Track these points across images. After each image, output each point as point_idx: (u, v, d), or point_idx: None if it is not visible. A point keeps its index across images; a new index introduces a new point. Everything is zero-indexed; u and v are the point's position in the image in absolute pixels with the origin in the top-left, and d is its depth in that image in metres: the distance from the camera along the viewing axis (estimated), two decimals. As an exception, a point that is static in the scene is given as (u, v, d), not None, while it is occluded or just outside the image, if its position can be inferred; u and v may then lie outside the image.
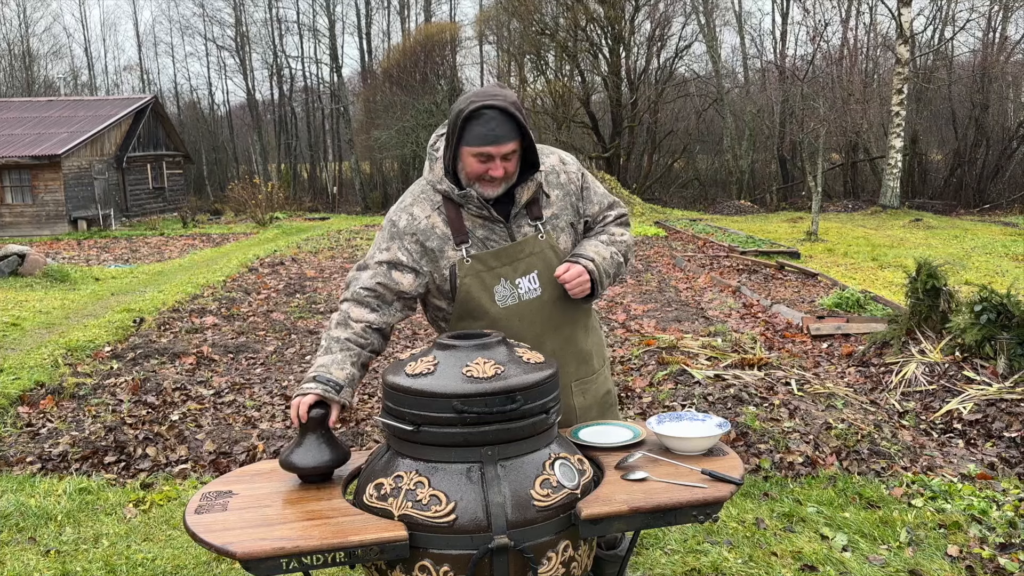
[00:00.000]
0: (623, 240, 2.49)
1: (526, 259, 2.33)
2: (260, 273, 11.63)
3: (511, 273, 2.32)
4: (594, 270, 2.33)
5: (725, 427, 2.25)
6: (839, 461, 4.35)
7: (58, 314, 9.04)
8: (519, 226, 2.34)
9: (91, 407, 5.21)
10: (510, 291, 2.32)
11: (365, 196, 32.78)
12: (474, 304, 2.32)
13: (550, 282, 2.34)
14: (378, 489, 1.97)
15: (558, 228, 2.39)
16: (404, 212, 2.36)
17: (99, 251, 18.16)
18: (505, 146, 2.21)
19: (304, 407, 2.13)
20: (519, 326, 2.32)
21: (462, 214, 2.31)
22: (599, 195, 2.50)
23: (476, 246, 2.31)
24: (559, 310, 2.38)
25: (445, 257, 2.32)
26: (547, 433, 2.04)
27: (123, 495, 4.00)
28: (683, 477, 2.07)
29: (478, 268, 2.30)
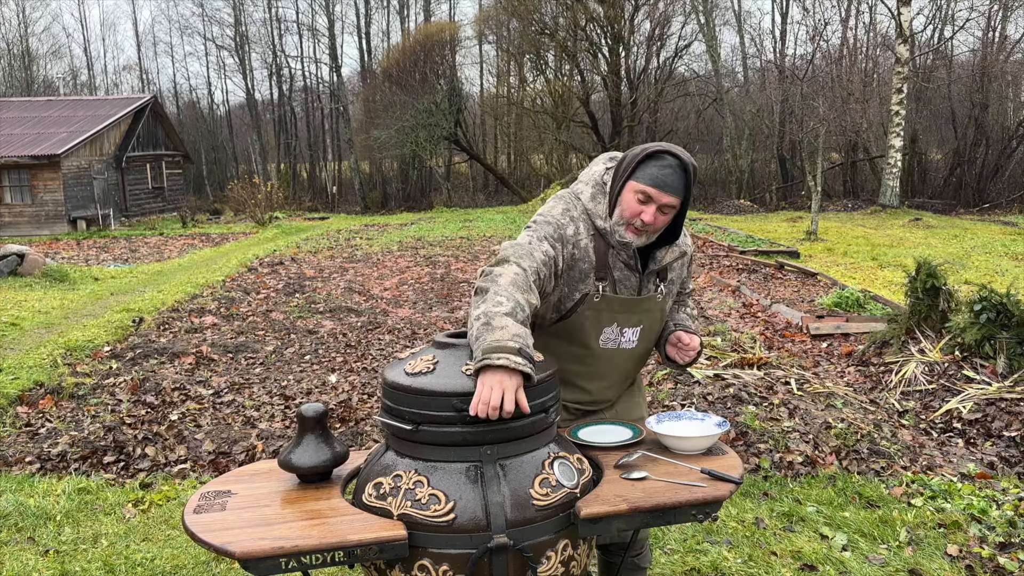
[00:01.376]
0: (695, 314, 2.67)
1: (641, 314, 2.40)
2: (259, 273, 11.63)
3: (624, 321, 2.38)
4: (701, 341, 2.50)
5: (724, 426, 2.24)
6: (839, 461, 4.35)
7: (57, 314, 9.04)
8: (648, 281, 2.40)
9: (90, 407, 5.21)
10: (615, 337, 2.39)
11: (364, 196, 32.78)
12: (579, 333, 2.36)
13: (646, 338, 2.44)
14: (377, 488, 1.97)
15: (670, 294, 2.48)
16: (571, 223, 2.31)
17: (98, 251, 18.15)
18: (669, 197, 2.22)
19: (516, 389, 1.87)
20: (607, 368, 2.43)
21: (609, 253, 2.33)
22: (690, 274, 2.62)
23: (610, 286, 2.35)
24: (639, 361, 2.52)
25: (584, 284, 2.31)
26: (546, 432, 2.04)
27: (122, 495, 4.00)
28: (683, 476, 2.06)
29: (602, 307, 2.34)
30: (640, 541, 2.58)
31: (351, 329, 7.73)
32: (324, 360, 6.50)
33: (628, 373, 2.49)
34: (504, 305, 1.98)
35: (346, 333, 7.55)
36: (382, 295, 9.64)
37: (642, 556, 2.60)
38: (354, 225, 21.53)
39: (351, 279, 10.99)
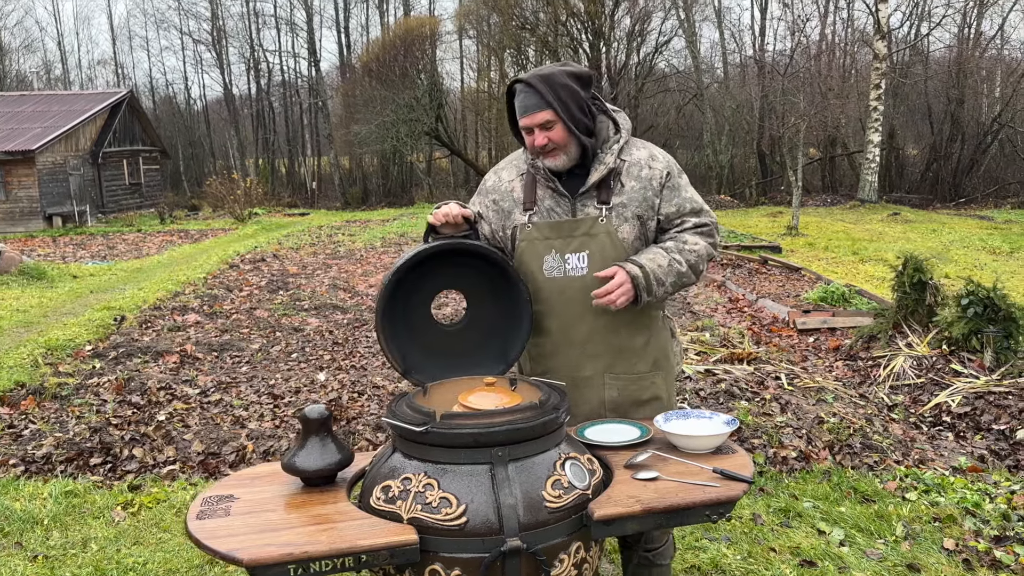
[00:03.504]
0: (692, 249, 2.42)
1: (580, 237, 2.38)
2: (241, 270, 11.51)
3: (562, 247, 2.39)
4: (639, 276, 2.30)
5: (733, 425, 2.22)
6: (832, 455, 4.36)
7: (36, 313, 8.89)
8: (584, 205, 2.40)
9: (74, 408, 5.11)
10: (558, 264, 2.40)
11: (345, 192, 32.56)
12: (525, 269, 2.43)
13: (598, 267, 2.36)
14: (385, 492, 1.93)
15: (623, 216, 2.40)
16: (494, 173, 2.59)
17: (75, 248, 17.89)
18: (536, 116, 2.32)
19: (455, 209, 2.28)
20: (559, 300, 2.40)
21: (535, 185, 2.44)
22: (683, 199, 2.47)
23: (541, 215, 2.42)
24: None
25: (512, 219, 2.46)
26: (557, 432, 2.01)
27: (110, 498, 3.92)
28: (694, 476, 2.04)
29: (534, 235, 2.41)
30: (660, 536, 2.54)
31: (337, 327, 7.66)
32: (311, 358, 6.43)
33: (588, 307, 2.37)
34: None
35: (332, 331, 7.47)
36: (368, 292, 9.57)
37: (663, 551, 2.56)
38: (335, 221, 21.38)
39: (335, 276, 10.90)
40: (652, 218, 2.44)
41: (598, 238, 2.37)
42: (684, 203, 2.46)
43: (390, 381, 5.64)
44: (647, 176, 2.42)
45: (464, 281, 2.47)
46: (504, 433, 1.89)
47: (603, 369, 2.45)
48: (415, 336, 2.43)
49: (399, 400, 2.12)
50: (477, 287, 2.47)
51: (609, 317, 2.40)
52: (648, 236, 2.45)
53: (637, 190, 2.41)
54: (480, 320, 2.48)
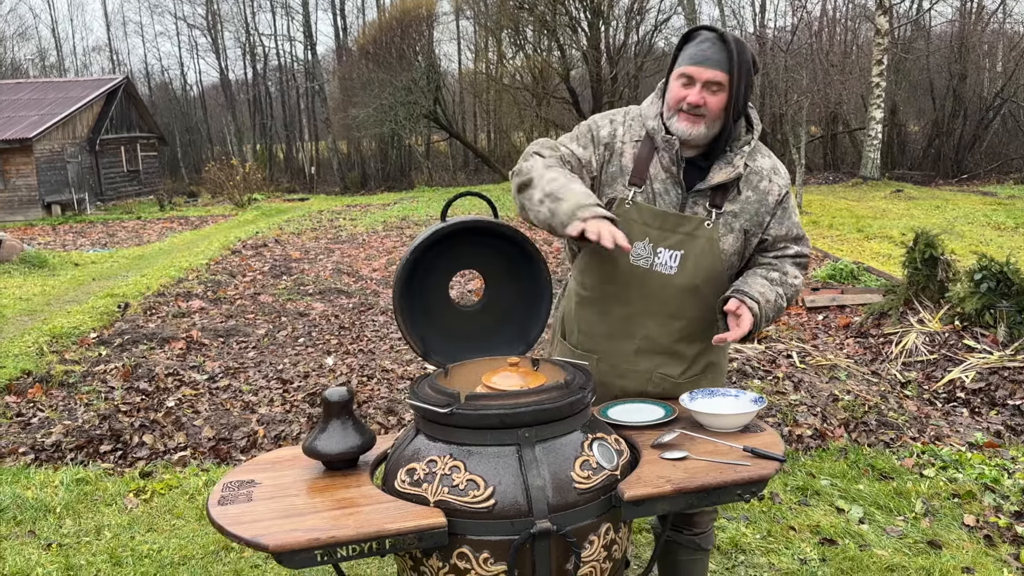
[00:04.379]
0: (792, 284, 2.28)
1: (680, 235, 2.20)
2: (244, 255, 11.45)
3: (658, 239, 2.21)
4: (757, 315, 2.14)
5: (761, 403, 2.18)
6: (848, 433, 4.33)
7: (39, 300, 8.84)
8: (695, 203, 2.21)
9: (82, 395, 5.08)
10: (648, 254, 2.22)
11: (344, 176, 32.44)
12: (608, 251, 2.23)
13: (688, 272, 2.21)
14: (411, 475, 1.89)
15: (730, 226, 2.22)
16: (609, 124, 2.29)
17: (75, 236, 17.83)
18: (711, 71, 2.09)
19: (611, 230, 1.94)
20: (636, 291, 2.25)
21: (653, 159, 2.22)
22: (792, 223, 2.30)
23: (645, 196, 2.22)
24: (680, 300, 2.26)
25: (613, 188, 2.24)
26: (583, 413, 1.96)
27: (122, 485, 3.89)
28: (724, 455, 2.00)
29: (633, 217, 2.21)
30: (706, 521, 2.48)
31: (343, 311, 7.61)
32: (318, 343, 6.39)
33: (667, 307, 2.24)
34: (559, 179, 2.08)
35: (338, 315, 7.43)
36: (371, 276, 9.52)
37: (708, 535, 2.51)
38: (335, 206, 21.30)
39: (338, 260, 10.85)
40: (757, 235, 2.29)
41: (698, 242, 2.20)
42: (792, 228, 2.32)
43: (399, 365, 5.61)
44: (765, 189, 2.25)
45: (482, 260, 2.41)
46: (531, 414, 1.85)
47: (652, 368, 2.36)
48: (433, 317, 2.38)
49: (421, 381, 2.07)
50: (496, 266, 2.41)
51: (682, 324, 2.30)
52: (746, 252, 2.31)
53: (752, 202, 2.24)
54: (499, 301, 2.43)
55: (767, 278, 2.26)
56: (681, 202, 2.22)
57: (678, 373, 2.39)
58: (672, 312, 2.29)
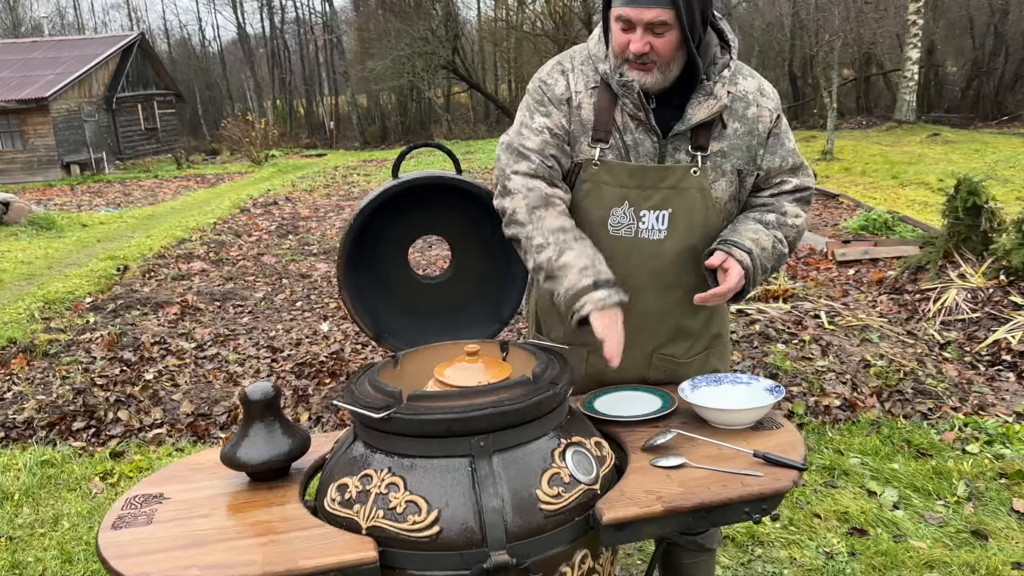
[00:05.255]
0: (794, 224, 1.91)
1: (664, 191, 1.84)
2: (252, 214, 11.15)
3: (639, 200, 1.84)
4: (750, 267, 1.80)
5: (778, 393, 1.80)
6: (880, 403, 3.93)
7: (40, 264, 8.62)
8: (676, 148, 1.83)
9: (62, 366, 4.81)
10: (629, 221, 1.86)
11: (363, 131, 31.95)
12: (584, 218, 1.88)
13: (681, 232, 1.86)
14: (341, 492, 1.54)
15: (720, 170, 1.85)
16: (560, 76, 1.89)
17: (92, 196, 17.66)
18: (648, 11, 1.70)
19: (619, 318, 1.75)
20: (623, 265, 1.87)
21: (615, 108, 1.83)
22: (787, 151, 1.91)
23: (615, 151, 1.84)
24: (675, 268, 1.90)
25: (576, 150, 1.87)
26: (555, 413, 1.60)
27: (90, 466, 3.62)
28: (729, 462, 1.63)
29: (604, 178, 1.85)
30: None
31: (346, 271, 7.29)
32: (316, 306, 6.07)
33: (662, 278, 1.90)
34: (547, 247, 1.79)
35: (341, 275, 7.11)
36: (380, 233, 9.17)
37: (712, 534, 2.17)
38: (352, 161, 20.91)
39: (347, 218, 10.51)
40: (752, 173, 1.89)
41: (687, 195, 1.83)
42: (787, 156, 1.92)
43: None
44: (754, 117, 1.86)
45: (446, 224, 2.05)
46: (487, 417, 1.49)
47: (653, 349, 2.00)
48: (389, 291, 2.02)
49: (361, 375, 1.72)
50: (461, 231, 2.05)
51: (680, 294, 1.92)
52: (742, 196, 1.92)
53: (742, 135, 1.85)
54: (467, 271, 2.07)
55: (761, 221, 1.89)
56: (659, 151, 1.83)
57: (682, 352, 2.02)
58: (668, 282, 1.92)
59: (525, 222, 1.80)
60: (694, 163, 1.83)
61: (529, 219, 1.80)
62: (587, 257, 1.75)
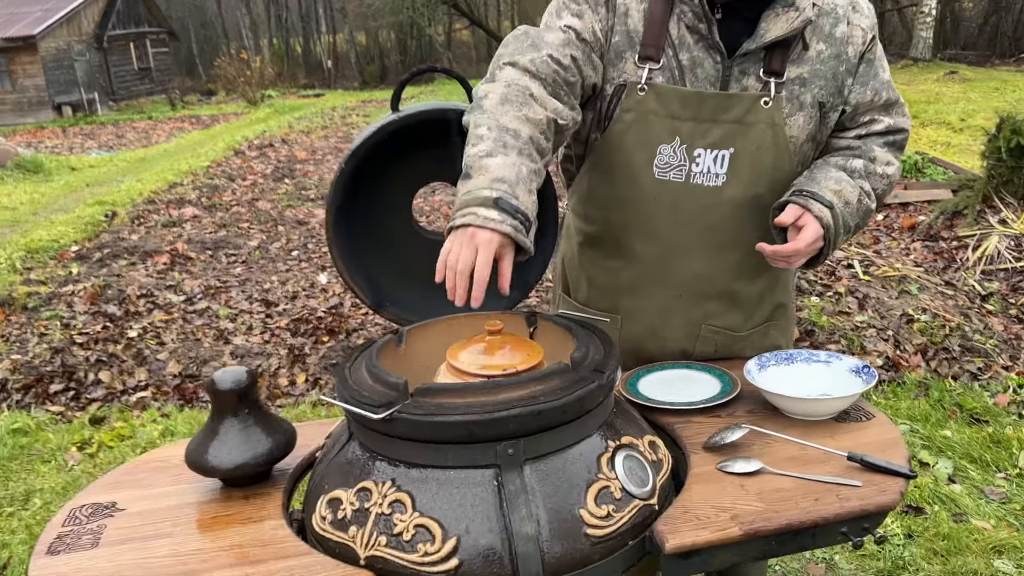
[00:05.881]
0: (885, 174, 1.56)
1: (726, 126, 1.47)
2: (246, 157, 10.73)
3: (694, 136, 1.48)
4: (829, 227, 1.44)
5: (869, 377, 1.47)
6: (926, 362, 3.62)
7: (25, 210, 8.25)
8: (743, 73, 1.46)
9: (41, 322, 4.49)
10: (680, 161, 1.50)
11: (362, 70, 31.14)
12: (621, 158, 1.52)
13: (744, 178, 1.50)
14: (334, 509, 1.23)
15: (798, 102, 1.48)
16: None
17: (84, 138, 17.19)
18: None
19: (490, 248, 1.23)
20: (668, 218, 1.52)
21: (670, 18, 1.47)
22: (880, 82, 1.54)
23: (667, 73, 1.47)
24: (735, 222, 1.55)
25: (618, 68, 1.49)
26: (602, 407, 1.27)
27: (67, 435, 3.33)
28: (817, 467, 1.31)
29: (651, 107, 1.48)
30: None
31: (345, 217, 6.93)
32: (314, 256, 5.73)
33: (717, 235, 1.55)
34: (484, 140, 1.33)
35: (339, 222, 6.75)
36: (380, 176, 8.78)
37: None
38: (350, 102, 20.33)
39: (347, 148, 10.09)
40: (836, 108, 1.52)
41: (754, 131, 1.47)
42: (881, 89, 1.54)
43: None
44: (843, 37, 1.49)
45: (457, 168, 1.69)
46: (517, 418, 1.16)
47: (701, 319, 1.66)
48: (390, 251, 1.68)
49: (357, 357, 1.39)
50: (477, 176, 1.69)
51: (738, 255, 1.58)
52: (822, 137, 1.55)
53: (827, 60, 1.48)
54: (484, 224, 1.71)
55: (846, 169, 1.53)
56: (722, 75, 1.47)
57: (738, 324, 1.69)
58: (724, 240, 1.57)
59: (487, 109, 1.37)
60: (765, 92, 1.47)
61: (494, 108, 1.37)
62: (515, 173, 1.29)
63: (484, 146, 1.32)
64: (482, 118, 1.37)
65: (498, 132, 1.33)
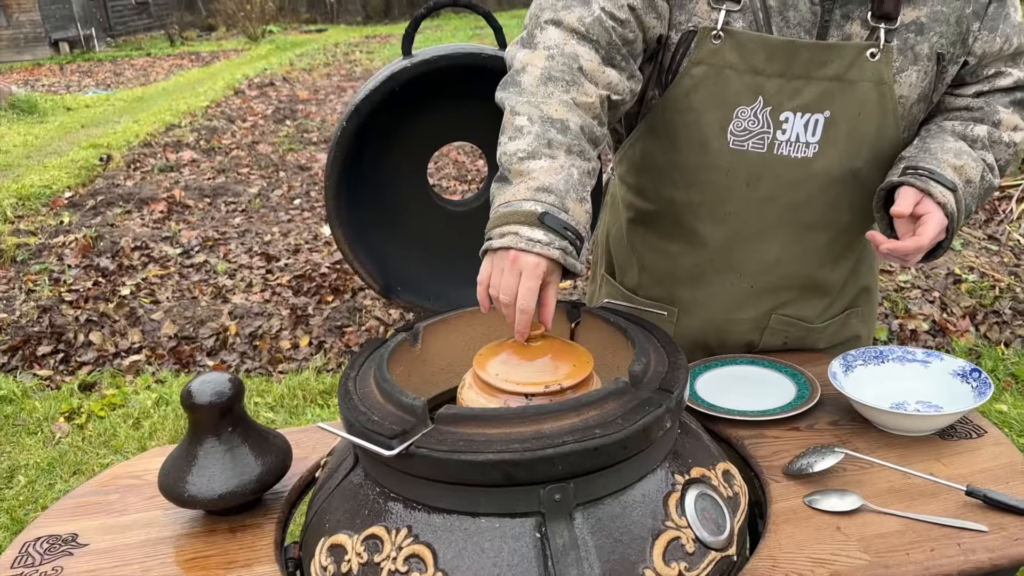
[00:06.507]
0: (1011, 142, 1.25)
1: (823, 84, 1.19)
2: (246, 96, 10.35)
3: (782, 96, 1.19)
4: (953, 214, 1.16)
5: (984, 388, 1.22)
6: (975, 326, 3.37)
7: (18, 153, 7.95)
8: (846, 17, 1.17)
9: (31, 276, 4.26)
10: (762, 127, 1.22)
11: (366, 4, 30.26)
12: (687, 122, 1.24)
13: (841, 147, 1.22)
14: (336, 559, 1.00)
15: (912, 53, 1.19)
16: None
17: (81, 76, 16.74)
18: None
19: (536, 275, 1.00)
20: (742, 198, 1.26)
21: None
22: (1012, 26, 1.22)
23: (748, 17, 1.18)
24: (826, 200, 1.28)
25: (687, 10, 1.19)
26: (666, 437, 1.02)
27: (55, 403, 3.12)
28: (926, 502, 1.07)
29: (728, 59, 1.19)
30: None
31: (349, 162, 6.63)
32: (317, 205, 5.46)
33: (798, 218, 1.29)
34: (525, 135, 1.07)
35: (343, 167, 6.46)
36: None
37: None
38: (354, 37, 19.73)
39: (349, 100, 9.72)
40: (957, 60, 1.23)
41: (856, 90, 1.19)
42: (1012, 35, 1.24)
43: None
44: None
45: (480, 125, 1.41)
46: (568, 457, 0.91)
47: (770, 308, 1.41)
48: (401, 225, 1.43)
49: (363, 362, 1.14)
50: (504, 135, 1.42)
51: (825, 239, 1.33)
52: (936, 95, 1.26)
53: (948, 0, 1.19)
54: (512, 192, 1.45)
55: (966, 137, 1.25)
56: (820, 19, 1.17)
57: (815, 314, 1.44)
58: (809, 221, 1.31)
59: (526, 89, 1.10)
60: (873, 40, 1.18)
61: (535, 89, 1.10)
62: (565, 179, 1.04)
63: (524, 143, 1.06)
64: (520, 102, 1.09)
65: (541, 125, 1.07)
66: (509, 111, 1.11)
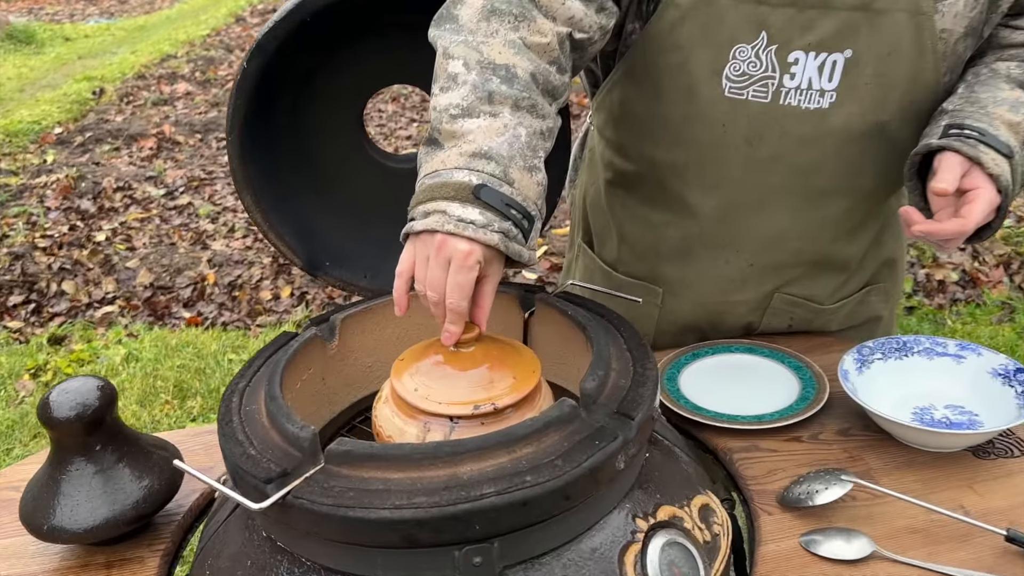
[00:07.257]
0: None
1: (844, 15, 0.93)
2: (247, 24, 9.98)
3: (791, 30, 0.95)
4: (1007, 187, 0.91)
5: (1030, 393, 0.99)
6: (1009, 276, 3.11)
7: (12, 86, 7.70)
8: None
9: (8, 219, 4.08)
10: (766, 70, 0.97)
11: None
12: (672, 63, 1.00)
13: (863, 96, 0.98)
14: (212, 622, 0.80)
15: None
16: None
17: (86, 3, 16.28)
18: None
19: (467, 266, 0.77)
20: (741, 157, 1.03)
21: None
22: None
23: None
24: (844, 161, 1.04)
25: None
26: (625, 474, 0.80)
27: (21, 358, 2.96)
28: (954, 546, 0.86)
29: None
30: None
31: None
32: (310, 140, 5.21)
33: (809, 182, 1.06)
34: (460, 84, 0.83)
35: (342, 100, 6.17)
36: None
37: None
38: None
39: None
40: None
41: (886, 23, 0.94)
42: None
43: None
44: None
45: (425, 64, 1.16)
46: (487, 514, 0.70)
47: (773, 288, 1.18)
48: (328, 188, 1.19)
49: (257, 369, 0.93)
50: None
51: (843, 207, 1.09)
52: (987, 30, 0.99)
53: None
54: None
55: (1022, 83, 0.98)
56: None
57: (826, 293, 1.21)
58: (823, 187, 1.07)
59: (464, 25, 0.87)
60: None
61: (475, 26, 0.86)
62: (509, 141, 0.80)
63: (458, 95, 0.82)
64: (455, 42, 0.85)
65: (480, 73, 0.82)
66: (442, 53, 0.87)
